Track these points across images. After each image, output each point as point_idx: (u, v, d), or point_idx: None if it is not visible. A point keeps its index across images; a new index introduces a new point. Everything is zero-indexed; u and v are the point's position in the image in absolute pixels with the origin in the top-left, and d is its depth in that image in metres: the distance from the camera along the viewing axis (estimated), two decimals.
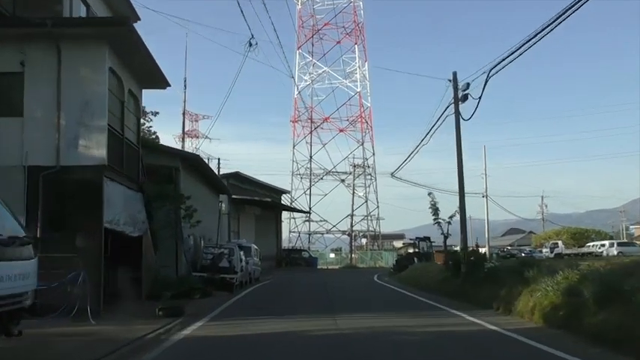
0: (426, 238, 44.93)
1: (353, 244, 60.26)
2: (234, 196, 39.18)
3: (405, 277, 30.15)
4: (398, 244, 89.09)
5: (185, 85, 35.13)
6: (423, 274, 25.83)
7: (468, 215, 21.17)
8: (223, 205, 38.18)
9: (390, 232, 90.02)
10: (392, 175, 36.33)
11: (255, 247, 30.40)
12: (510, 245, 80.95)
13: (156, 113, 32.63)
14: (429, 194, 22.82)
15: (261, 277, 31.19)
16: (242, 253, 25.14)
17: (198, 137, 62.28)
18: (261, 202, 41.82)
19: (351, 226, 58.97)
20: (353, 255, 59.81)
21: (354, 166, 59.30)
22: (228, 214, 38.90)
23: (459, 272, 18.50)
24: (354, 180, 59.44)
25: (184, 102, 34.95)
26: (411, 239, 45.19)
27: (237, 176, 40.81)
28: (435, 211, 22.75)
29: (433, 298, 17.44)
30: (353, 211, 59.64)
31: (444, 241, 22.84)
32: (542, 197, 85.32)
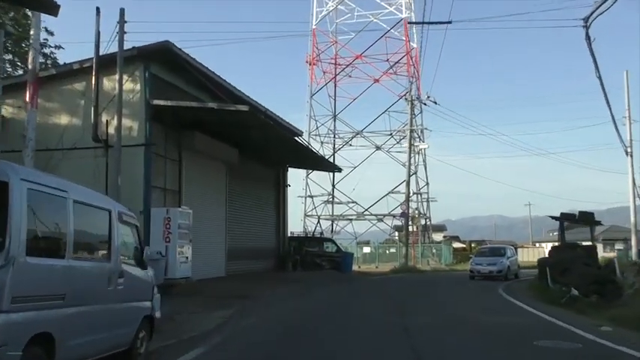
0: (589, 215, 21.21)
1: (407, 232, 36.02)
2: (156, 102, 15.93)
3: None
4: (437, 237, 69.12)
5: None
6: None
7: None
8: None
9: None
10: None
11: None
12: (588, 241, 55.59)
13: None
14: None
15: (218, 309, 8.42)
16: None
17: None
18: (226, 119, 17.67)
19: (407, 199, 34.45)
20: (408, 249, 35.88)
21: (411, 100, 34.93)
22: (147, 146, 15.86)
23: None
24: (410, 126, 35.08)
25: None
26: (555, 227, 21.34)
27: (166, 55, 16.37)
28: None
29: None
30: (410, 176, 35.28)
31: None
32: None
